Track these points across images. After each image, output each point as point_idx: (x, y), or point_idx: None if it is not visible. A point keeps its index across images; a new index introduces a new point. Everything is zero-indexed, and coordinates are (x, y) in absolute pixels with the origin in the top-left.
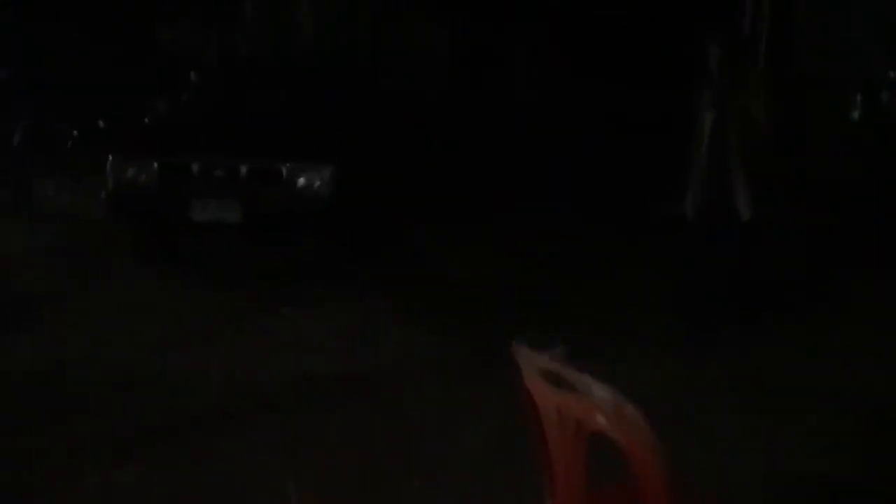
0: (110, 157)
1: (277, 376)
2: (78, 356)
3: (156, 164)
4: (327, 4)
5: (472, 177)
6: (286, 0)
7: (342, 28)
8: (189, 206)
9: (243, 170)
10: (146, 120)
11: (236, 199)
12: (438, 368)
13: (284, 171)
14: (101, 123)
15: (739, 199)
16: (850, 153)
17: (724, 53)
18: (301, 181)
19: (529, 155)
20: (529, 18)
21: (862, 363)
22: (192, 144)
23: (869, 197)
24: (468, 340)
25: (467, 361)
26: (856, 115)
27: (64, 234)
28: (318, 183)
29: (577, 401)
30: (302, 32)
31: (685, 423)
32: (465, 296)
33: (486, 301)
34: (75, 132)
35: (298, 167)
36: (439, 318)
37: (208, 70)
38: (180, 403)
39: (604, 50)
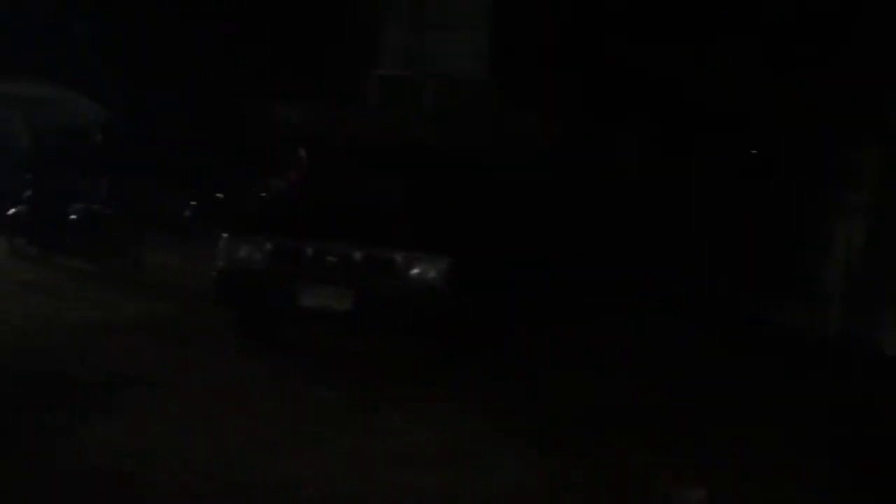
0: (223, 235)
1: (380, 492)
2: (156, 452)
3: (268, 245)
4: (449, 91)
5: (588, 270)
6: (406, 84)
7: (461, 114)
8: (299, 291)
9: (357, 256)
10: (261, 197)
11: (348, 287)
12: (561, 498)
13: (399, 259)
14: (219, 195)
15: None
16: None
17: (884, 156)
18: (415, 271)
19: (642, 248)
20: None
21: None
22: (306, 226)
23: None
24: (590, 465)
25: (593, 492)
26: None
27: (170, 307)
28: (432, 274)
29: None
30: (421, 117)
31: None
32: (584, 409)
33: (609, 419)
34: (193, 202)
35: (413, 256)
36: (558, 433)
37: (325, 149)
38: None
39: (721, 143)
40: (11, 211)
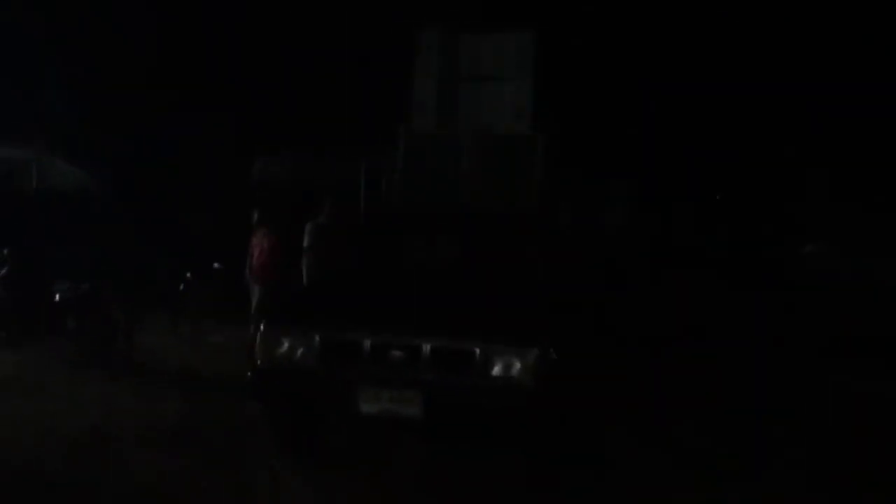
0: (262, 327)
1: None
2: None
3: (317, 338)
4: (491, 147)
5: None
6: (441, 139)
7: (506, 172)
8: (356, 395)
9: (426, 350)
10: (309, 281)
11: (416, 388)
12: None
13: (477, 353)
14: (217, 266)
15: None
16: None
17: None
18: (497, 368)
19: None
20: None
21: None
22: (361, 314)
23: None
24: None
25: None
26: None
27: (177, 403)
28: (518, 371)
29: None
30: (463, 178)
31: None
32: None
33: None
34: (188, 274)
35: (494, 349)
36: None
37: (371, 219)
38: None
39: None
40: None
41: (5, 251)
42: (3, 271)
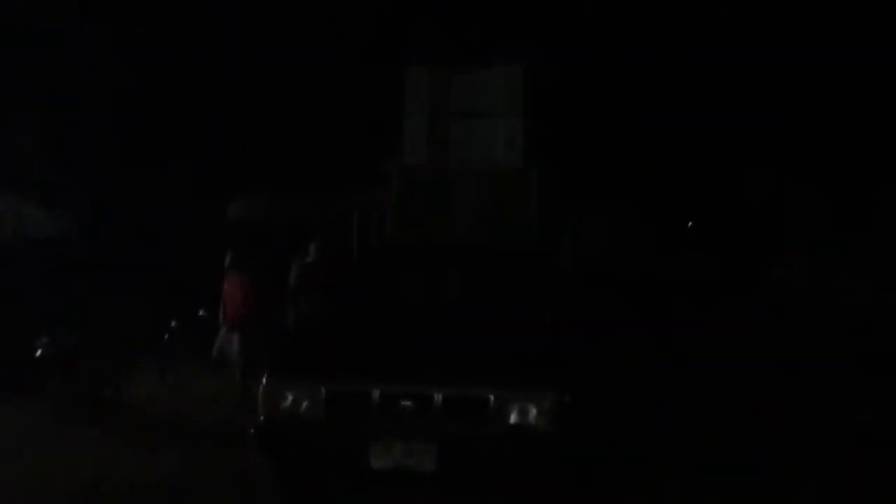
0: (264, 380)
1: None
2: None
3: (323, 390)
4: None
5: None
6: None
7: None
8: (367, 449)
9: (438, 399)
10: (309, 327)
11: (430, 440)
12: None
13: (492, 400)
14: (202, 313)
15: None
16: None
17: None
18: (514, 415)
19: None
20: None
21: None
22: (368, 362)
23: None
24: None
25: None
26: None
27: (173, 458)
28: (535, 415)
29: None
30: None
31: None
32: None
33: None
34: (173, 323)
35: (509, 395)
36: None
37: (368, 257)
38: None
39: None
40: None
41: None
42: None
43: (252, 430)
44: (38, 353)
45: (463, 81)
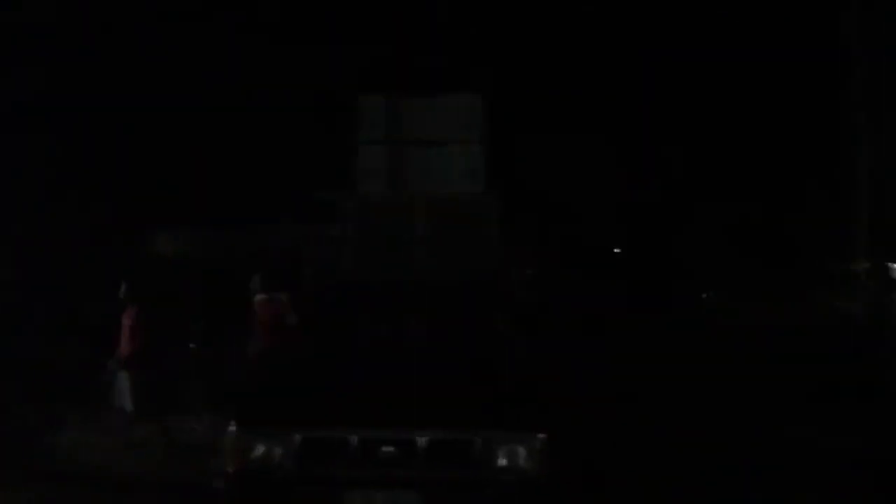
0: (231, 428)
1: None
2: None
3: (298, 439)
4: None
5: None
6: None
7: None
8: (344, 499)
9: (421, 443)
10: (271, 370)
11: (415, 489)
12: None
13: (478, 443)
14: (191, 346)
15: None
16: None
17: None
18: (502, 459)
19: None
20: None
21: None
22: (343, 406)
23: None
24: None
25: None
26: None
27: None
28: (524, 457)
29: None
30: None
31: None
32: None
33: None
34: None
35: (495, 437)
36: None
37: (330, 295)
38: None
39: None
40: None
41: None
42: None
43: (221, 484)
44: None
45: (417, 108)
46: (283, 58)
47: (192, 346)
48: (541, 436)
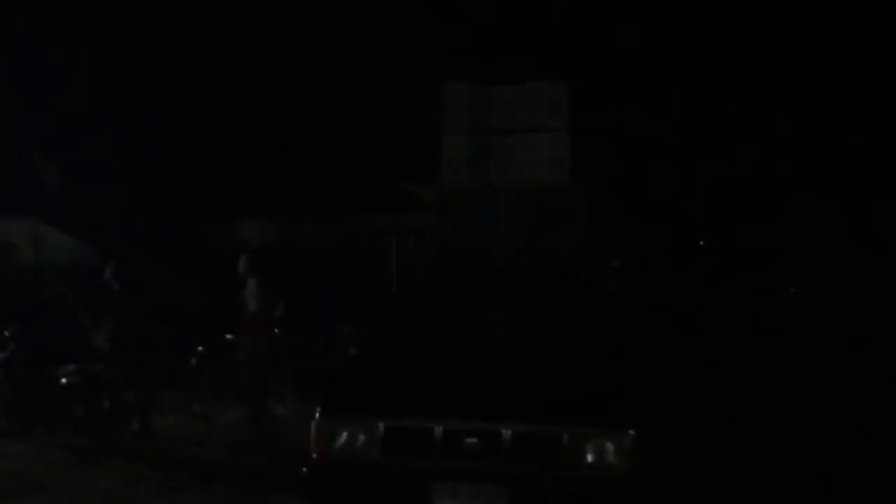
0: (316, 416)
1: None
2: None
3: (382, 427)
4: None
5: None
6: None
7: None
8: (429, 491)
9: (506, 435)
10: (359, 360)
11: (498, 481)
12: None
13: (565, 438)
14: (229, 336)
15: None
16: None
17: None
18: (590, 455)
19: None
20: None
21: None
22: (429, 397)
23: None
24: None
25: None
26: None
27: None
28: (613, 454)
29: None
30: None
31: None
32: None
33: None
34: (200, 347)
35: (584, 433)
36: None
37: (415, 285)
38: None
39: None
40: None
41: (6, 332)
42: (4, 354)
43: (304, 470)
44: (63, 381)
45: (504, 97)
46: (369, 46)
47: (276, 331)
48: (630, 432)
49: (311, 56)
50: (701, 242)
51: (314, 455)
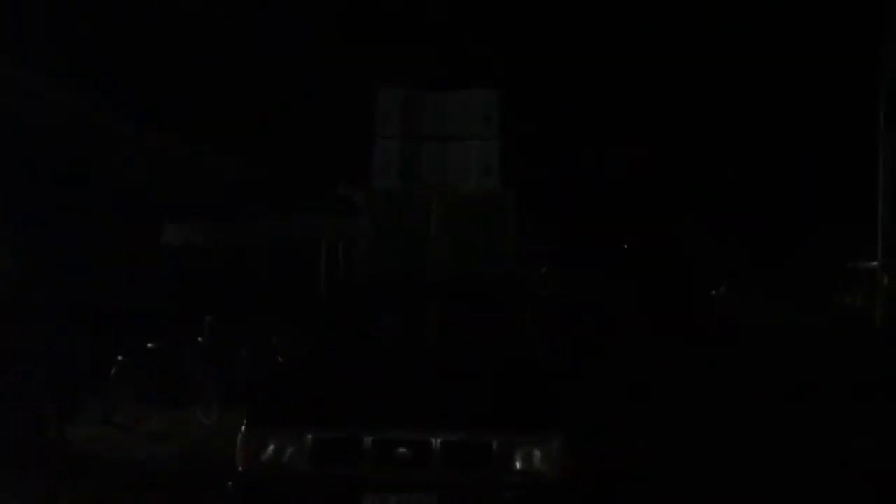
0: (243, 428)
1: None
2: None
3: (310, 438)
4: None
5: None
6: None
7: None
8: (360, 502)
9: (436, 444)
10: (286, 368)
11: (430, 491)
12: None
13: (494, 445)
14: (150, 345)
15: None
16: None
17: None
18: (519, 462)
19: None
20: None
21: None
22: (357, 406)
23: None
24: None
25: None
26: None
27: None
28: (540, 460)
29: None
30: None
31: None
32: None
33: None
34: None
35: (513, 440)
36: None
37: (341, 290)
38: None
39: None
40: None
41: None
42: None
43: (229, 483)
44: None
45: (437, 103)
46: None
47: (200, 339)
48: (558, 439)
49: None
50: (625, 246)
51: (240, 467)
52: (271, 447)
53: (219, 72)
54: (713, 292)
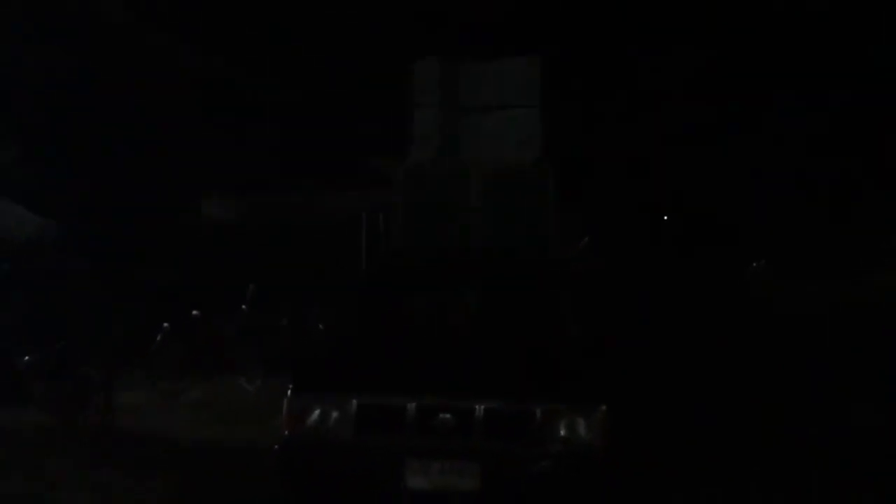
0: (288, 393)
1: None
2: None
3: (354, 404)
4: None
5: None
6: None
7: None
8: (402, 468)
9: (479, 412)
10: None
11: (472, 457)
12: None
13: (538, 414)
14: (195, 313)
15: None
16: None
17: None
18: (562, 430)
19: None
20: None
21: None
22: (403, 374)
23: None
24: None
25: None
26: None
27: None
28: (584, 429)
29: None
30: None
31: None
32: None
33: None
34: (165, 324)
35: (556, 408)
36: None
37: (386, 266)
38: None
39: None
40: None
41: None
42: None
43: (275, 448)
44: (26, 360)
45: (474, 73)
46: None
47: (243, 307)
48: (602, 407)
49: (282, 30)
50: (665, 218)
51: (285, 432)
52: (316, 412)
53: (249, 45)
54: (753, 265)
